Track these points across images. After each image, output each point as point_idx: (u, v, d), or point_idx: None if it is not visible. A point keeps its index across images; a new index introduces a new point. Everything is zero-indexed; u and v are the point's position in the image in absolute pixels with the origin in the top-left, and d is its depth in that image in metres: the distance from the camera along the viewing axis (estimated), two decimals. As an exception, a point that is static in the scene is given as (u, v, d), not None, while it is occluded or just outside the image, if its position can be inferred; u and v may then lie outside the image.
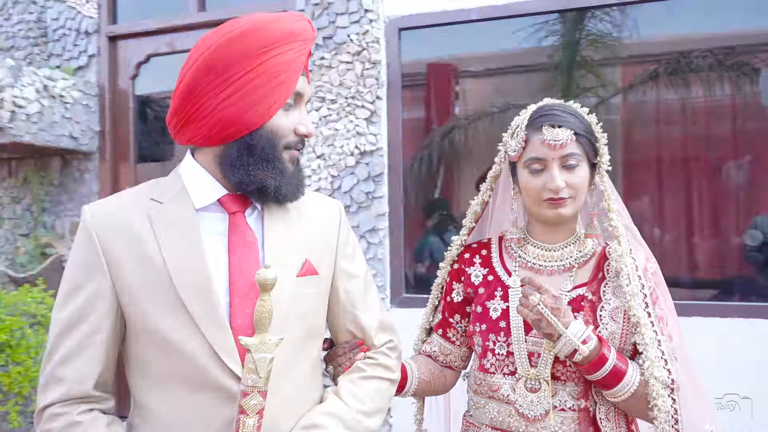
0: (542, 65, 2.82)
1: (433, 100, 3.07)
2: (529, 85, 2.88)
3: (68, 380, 1.04)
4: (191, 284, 1.04)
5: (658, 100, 2.68)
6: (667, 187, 2.70)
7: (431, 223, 3.10)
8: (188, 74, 1.08)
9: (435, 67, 3.02)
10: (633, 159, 2.79)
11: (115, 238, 1.06)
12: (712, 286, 2.64)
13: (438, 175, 3.10)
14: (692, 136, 2.69)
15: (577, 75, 2.81)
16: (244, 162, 1.09)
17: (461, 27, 2.85)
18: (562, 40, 2.77)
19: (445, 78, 3.03)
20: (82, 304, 1.05)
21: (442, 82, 3.04)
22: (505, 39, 2.84)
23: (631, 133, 2.77)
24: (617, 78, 2.78)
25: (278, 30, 1.09)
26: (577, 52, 2.77)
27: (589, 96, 2.79)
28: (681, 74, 2.63)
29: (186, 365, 1.03)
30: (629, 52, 2.73)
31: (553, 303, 1.21)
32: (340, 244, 1.25)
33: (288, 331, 1.09)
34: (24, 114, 3.05)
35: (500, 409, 1.34)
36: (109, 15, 3.60)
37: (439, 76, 3.03)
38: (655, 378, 1.21)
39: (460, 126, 3.02)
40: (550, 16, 2.74)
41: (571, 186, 1.30)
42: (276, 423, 1.06)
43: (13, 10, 3.72)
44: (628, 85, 2.75)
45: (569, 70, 2.78)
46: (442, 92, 3.06)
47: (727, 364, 2.29)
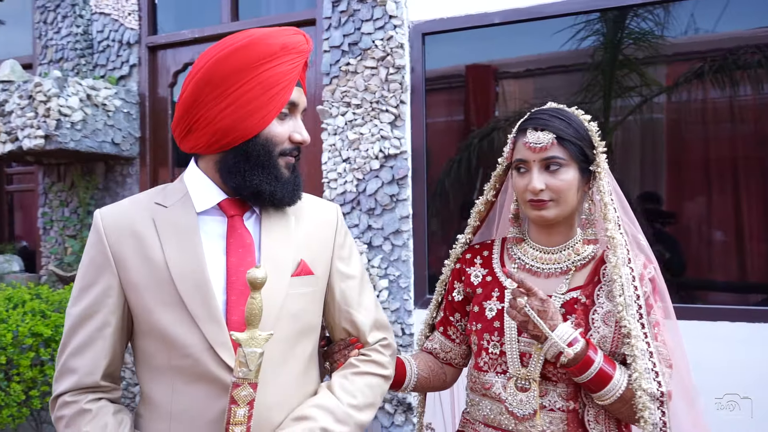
0: (582, 65, 2.78)
1: (472, 102, 3.07)
2: (570, 85, 2.84)
3: (79, 371, 1.12)
4: (190, 283, 1.12)
5: (705, 98, 2.62)
6: (715, 188, 2.64)
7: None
8: (189, 86, 1.15)
9: (474, 69, 3.02)
10: (678, 159, 2.72)
11: (123, 240, 1.15)
12: (762, 290, 2.56)
13: (477, 176, 3.11)
14: (740, 134, 2.62)
15: (619, 74, 2.78)
16: (240, 168, 1.16)
17: (498, 29, 2.84)
18: (603, 40, 2.73)
19: (484, 80, 3.03)
20: (93, 301, 1.14)
21: (481, 84, 3.04)
22: (544, 40, 2.81)
23: (676, 132, 2.71)
24: (661, 77, 2.72)
25: (273, 44, 1.15)
26: (618, 51, 2.73)
27: (632, 95, 2.76)
28: (728, 72, 2.58)
29: (185, 358, 1.11)
30: (673, 50, 2.66)
31: (540, 306, 1.23)
32: (336, 246, 1.30)
33: (281, 327, 1.16)
34: (69, 122, 3.23)
35: (493, 407, 1.37)
36: (149, 26, 3.77)
37: (477, 77, 3.03)
38: (642, 390, 1.21)
39: (499, 127, 3.02)
40: (588, 16, 2.71)
41: (551, 189, 1.32)
42: (269, 414, 1.12)
43: (62, 23, 3.93)
44: (673, 84, 2.70)
45: (611, 69, 2.75)
46: (481, 94, 3.06)
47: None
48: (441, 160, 3.11)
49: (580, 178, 1.35)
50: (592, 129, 1.38)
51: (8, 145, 3.35)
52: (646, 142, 2.76)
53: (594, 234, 1.39)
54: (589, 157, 1.36)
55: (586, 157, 1.35)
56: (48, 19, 3.98)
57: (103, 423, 1.10)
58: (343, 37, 3.08)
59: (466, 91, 3.09)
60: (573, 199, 1.35)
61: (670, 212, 2.71)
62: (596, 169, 1.37)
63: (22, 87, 3.27)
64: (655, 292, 1.35)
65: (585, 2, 2.67)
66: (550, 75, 2.94)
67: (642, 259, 1.37)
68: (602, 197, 1.34)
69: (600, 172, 1.36)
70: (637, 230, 1.43)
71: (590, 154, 1.36)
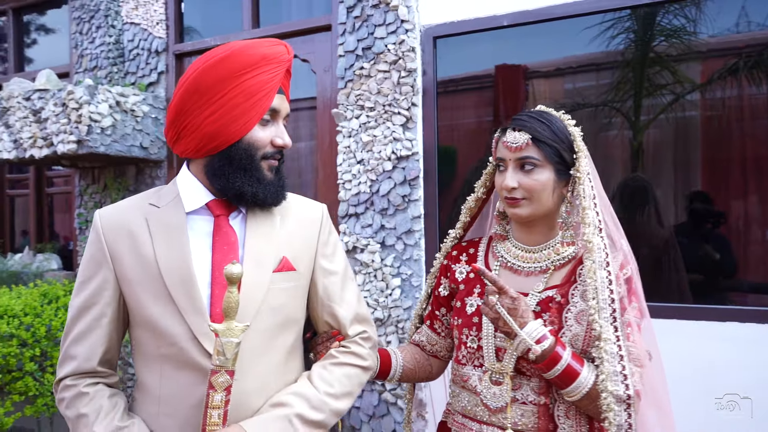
0: (612, 63, 2.76)
1: (501, 101, 3.07)
2: (599, 84, 2.82)
3: (78, 358, 1.23)
4: (177, 277, 1.21)
5: (740, 95, 2.58)
6: (752, 186, 2.60)
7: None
8: (177, 95, 1.25)
9: (503, 69, 3.02)
10: (714, 157, 2.67)
11: (118, 238, 1.25)
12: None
13: None
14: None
15: (650, 72, 2.77)
16: (224, 171, 1.24)
17: (529, 28, 2.84)
18: (633, 37, 2.71)
19: (513, 79, 3.02)
20: (91, 293, 1.25)
21: (510, 84, 3.03)
22: (572, 39, 2.80)
23: (711, 130, 2.66)
24: (694, 74, 2.68)
25: (253, 55, 1.23)
26: (649, 48, 2.70)
27: (664, 93, 2.75)
28: (764, 67, 2.54)
29: (171, 347, 1.20)
30: (707, 47, 2.61)
31: (510, 304, 1.28)
32: (320, 243, 1.38)
33: (262, 320, 1.24)
34: (99, 128, 3.40)
35: (470, 399, 1.42)
36: (176, 35, 3.93)
37: (507, 77, 3.03)
38: (608, 392, 1.22)
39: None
40: (616, 14, 2.68)
41: (524, 187, 1.36)
42: (248, 399, 1.21)
43: (96, 34, 4.13)
44: (707, 81, 2.67)
45: (641, 67, 2.74)
46: (510, 94, 3.05)
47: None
48: (469, 161, 3.13)
49: (556, 179, 1.39)
50: (574, 133, 1.40)
51: (44, 149, 3.54)
52: (678, 141, 2.73)
53: (572, 237, 1.42)
54: (566, 159, 1.39)
55: (562, 159, 1.38)
56: (83, 30, 4.19)
57: (99, 405, 1.21)
58: (357, 42, 3.16)
59: (495, 91, 3.09)
60: (547, 200, 1.39)
61: (719, 212, 2.64)
62: (575, 173, 1.39)
63: (57, 95, 3.45)
64: (630, 292, 1.36)
65: (593, 3, 2.68)
66: (581, 74, 2.90)
67: (620, 260, 1.39)
68: (581, 201, 1.36)
69: (579, 176, 1.38)
70: (621, 235, 1.45)
71: (568, 157, 1.39)
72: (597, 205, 1.38)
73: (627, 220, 2.74)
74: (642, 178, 2.79)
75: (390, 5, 3.05)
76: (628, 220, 2.75)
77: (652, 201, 2.79)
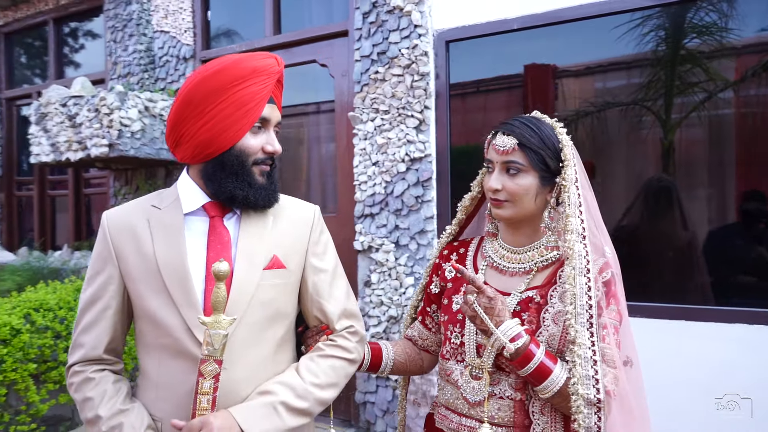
0: (641, 62, 2.74)
1: (530, 101, 3.08)
2: (629, 83, 2.80)
3: (86, 346, 1.35)
4: (173, 274, 1.31)
5: None
6: None
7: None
8: (175, 106, 1.35)
9: (533, 68, 3.03)
10: (749, 155, 2.62)
11: (122, 237, 1.36)
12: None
13: None
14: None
15: (681, 70, 2.76)
16: (217, 176, 1.34)
17: (557, 27, 2.85)
18: (664, 35, 2.68)
19: (542, 79, 3.02)
20: (98, 287, 1.36)
21: (540, 84, 3.04)
22: (602, 37, 2.79)
23: (745, 128, 2.61)
24: (728, 71, 2.62)
25: (244, 68, 1.32)
26: (680, 46, 2.68)
27: (696, 91, 2.74)
28: None
29: (168, 337, 1.30)
30: (741, 43, 2.56)
31: (487, 303, 1.33)
32: (311, 243, 1.46)
33: (252, 313, 1.33)
34: (129, 132, 3.58)
35: (452, 392, 1.49)
36: (203, 42, 4.08)
37: (536, 77, 3.03)
38: (578, 395, 1.26)
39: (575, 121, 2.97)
40: (646, 12, 2.68)
41: (506, 190, 1.41)
42: (237, 387, 1.30)
43: (129, 42, 4.32)
44: (740, 78, 2.61)
45: (672, 65, 2.74)
46: (540, 93, 3.05)
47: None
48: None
49: (539, 185, 1.42)
50: (564, 142, 1.43)
51: (79, 153, 3.74)
52: (711, 139, 2.69)
53: (556, 241, 1.46)
54: (550, 166, 1.42)
55: (547, 166, 1.42)
56: (117, 39, 4.39)
57: (103, 390, 1.32)
58: (373, 47, 3.25)
59: (524, 91, 3.10)
60: (530, 204, 1.43)
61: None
62: (561, 181, 1.42)
63: (90, 101, 3.64)
64: (608, 295, 1.39)
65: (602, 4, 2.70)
66: (611, 72, 2.89)
67: (600, 263, 1.42)
68: (566, 209, 1.39)
69: (565, 185, 1.40)
70: (605, 242, 1.47)
71: (553, 164, 1.42)
72: (583, 212, 1.40)
73: (649, 221, 2.75)
74: (666, 179, 2.78)
75: (404, 11, 3.13)
76: (650, 220, 2.76)
77: (676, 202, 2.79)
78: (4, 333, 2.95)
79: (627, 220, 2.88)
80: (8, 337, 2.97)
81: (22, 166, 5.34)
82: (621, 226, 2.86)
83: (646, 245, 2.76)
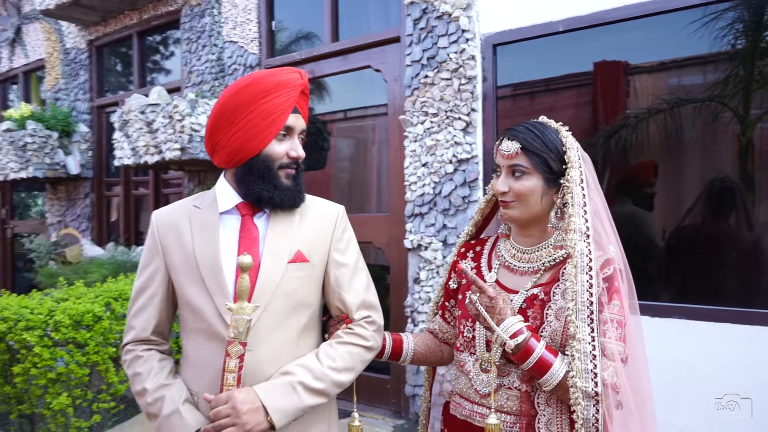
0: (716, 57, 2.70)
1: (600, 99, 3.08)
2: (705, 79, 2.77)
3: (136, 328, 1.54)
4: (208, 266, 1.48)
5: None
6: None
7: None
8: (210, 118, 1.52)
9: (603, 66, 3.03)
10: None
11: (168, 233, 1.55)
12: None
13: (604, 175, 3.16)
14: None
15: (761, 64, 2.71)
16: (247, 179, 1.50)
17: (629, 24, 2.82)
18: (743, 29, 2.63)
19: (613, 77, 3.01)
20: (147, 277, 1.56)
21: (610, 82, 3.02)
22: (676, 32, 2.74)
23: None
24: None
25: (268, 82, 1.48)
26: (761, 39, 2.62)
27: None
28: None
29: (203, 322, 1.47)
30: None
31: (488, 302, 1.42)
32: (333, 239, 1.60)
33: (276, 302, 1.48)
34: (199, 136, 3.86)
35: (465, 382, 1.58)
36: (268, 51, 4.33)
37: (606, 75, 3.02)
38: (576, 387, 1.32)
39: (628, 125, 2.97)
40: (719, 6, 2.64)
41: (513, 192, 1.50)
42: (262, 368, 1.45)
43: (202, 52, 4.64)
44: None
45: (751, 60, 2.70)
46: (610, 91, 3.03)
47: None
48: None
49: (544, 186, 1.49)
50: (568, 145, 1.49)
51: (155, 156, 4.07)
52: None
53: (562, 241, 1.52)
54: (554, 169, 1.49)
55: (550, 168, 1.49)
56: (192, 49, 4.72)
57: (150, 366, 1.51)
58: (423, 52, 3.36)
59: (593, 89, 3.09)
60: (536, 204, 1.51)
61: None
62: (564, 182, 1.48)
63: (165, 108, 3.96)
64: (610, 290, 1.43)
65: (651, 3, 2.68)
66: (686, 68, 2.84)
67: (603, 260, 1.47)
68: (569, 209, 1.45)
69: (569, 186, 1.47)
70: (610, 241, 1.51)
71: (556, 166, 1.49)
72: (587, 212, 1.45)
73: (711, 222, 2.72)
74: (730, 179, 2.74)
75: (452, 16, 3.22)
76: (712, 221, 2.73)
77: (739, 203, 2.74)
78: (88, 319, 3.28)
79: (688, 221, 2.84)
80: (91, 323, 3.30)
81: (110, 168, 5.81)
82: (682, 226, 2.83)
83: (708, 246, 2.72)
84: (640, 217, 2.96)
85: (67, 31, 6.03)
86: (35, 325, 3.17)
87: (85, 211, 5.86)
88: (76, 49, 5.96)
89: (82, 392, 3.40)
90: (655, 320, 2.62)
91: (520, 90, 3.22)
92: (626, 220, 2.93)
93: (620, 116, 2.91)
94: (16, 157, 5.40)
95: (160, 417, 1.46)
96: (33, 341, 3.15)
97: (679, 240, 2.85)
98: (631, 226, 2.91)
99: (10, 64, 6.94)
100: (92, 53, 5.88)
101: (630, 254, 1.54)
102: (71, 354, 3.26)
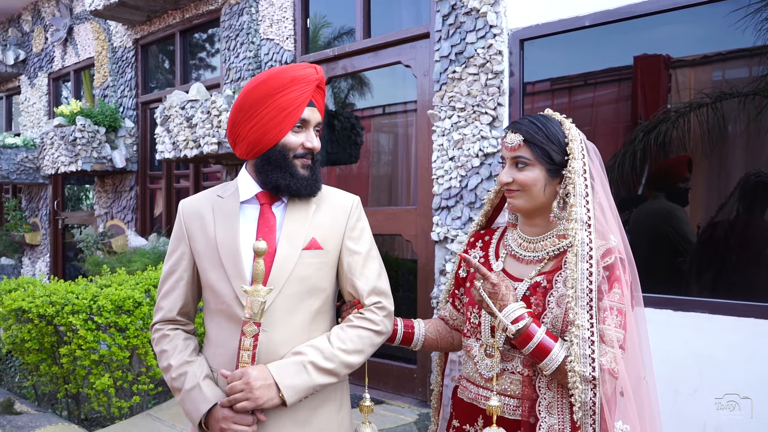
0: (756, 50, 2.65)
1: (640, 94, 3.06)
2: (749, 73, 2.72)
3: (164, 309, 1.66)
4: (228, 251, 1.58)
5: None
6: None
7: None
8: (231, 112, 1.62)
9: (643, 59, 2.99)
10: None
11: (193, 221, 1.65)
12: None
13: (643, 171, 3.16)
14: None
15: None
16: (265, 169, 1.59)
17: (669, 15, 2.77)
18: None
19: (655, 70, 2.98)
20: (174, 262, 1.67)
21: (651, 76, 3.00)
22: (716, 25, 2.72)
23: None
24: None
25: (284, 78, 1.56)
26: None
27: None
28: None
29: (223, 303, 1.57)
30: None
31: (491, 289, 1.48)
32: (347, 228, 1.67)
33: (290, 286, 1.57)
34: (234, 131, 4.00)
35: (471, 366, 1.64)
36: (302, 48, 4.44)
37: (647, 69, 2.99)
38: (574, 371, 1.38)
39: (668, 119, 2.94)
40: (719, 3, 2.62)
41: (517, 182, 1.55)
42: (276, 348, 1.54)
43: (240, 49, 4.79)
44: None
45: None
46: (650, 85, 3.01)
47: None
48: (604, 157, 3.12)
49: (547, 177, 1.55)
50: (570, 137, 1.55)
51: (194, 150, 4.23)
52: None
53: (566, 230, 1.56)
54: (556, 160, 1.54)
55: (552, 159, 1.54)
56: (230, 47, 4.87)
57: (175, 344, 1.62)
58: (451, 48, 3.40)
59: (633, 84, 3.07)
60: (539, 194, 1.56)
61: None
62: (567, 173, 1.54)
63: (203, 104, 4.11)
64: (611, 279, 1.48)
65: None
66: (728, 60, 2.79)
67: (604, 249, 1.51)
68: (571, 199, 1.51)
69: (571, 177, 1.52)
70: (612, 231, 1.55)
71: (558, 158, 1.54)
72: (589, 202, 1.50)
73: (745, 217, 2.70)
74: (765, 174, 2.71)
75: (480, 12, 3.25)
76: (746, 215, 2.70)
77: None
78: (128, 305, 3.46)
79: (721, 216, 2.82)
80: (131, 308, 3.48)
81: (154, 162, 6.05)
82: (715, 222, 2.81)
83: (739, 241, 2.69)
84: (674, 213, 2.95)
85: (114, 30, 6.29)
86: (80, 309, 3.36)
87: (130, 203, 6.11)
88: (122, 48, 6.22)
89: (123, 374, 3.58)
90: (688, 315, 2.56)
91: (546, 85, 3.23)
92: (661, 216, 2.93)
93: (660, 110, 2.89)
94: (66, 152, 5.68)
95: (182, 391, 1.56)
96: (78, 324, 3.34)
97: (712, 235, 2.82)
98: (665, 221, 2.90)
99: (63, 62, 7.28)
100: (138, 51, 6.12)
101: (663, 249, 1.55)
102: (113, 337, 3.45)
